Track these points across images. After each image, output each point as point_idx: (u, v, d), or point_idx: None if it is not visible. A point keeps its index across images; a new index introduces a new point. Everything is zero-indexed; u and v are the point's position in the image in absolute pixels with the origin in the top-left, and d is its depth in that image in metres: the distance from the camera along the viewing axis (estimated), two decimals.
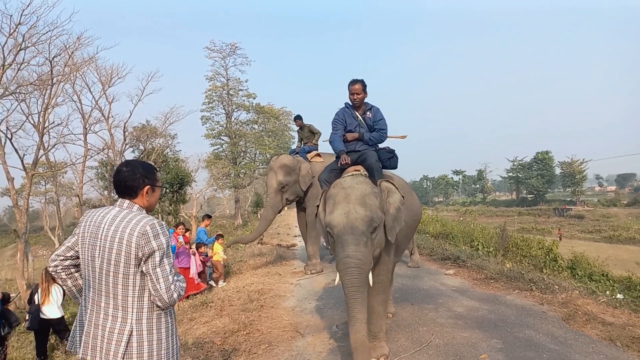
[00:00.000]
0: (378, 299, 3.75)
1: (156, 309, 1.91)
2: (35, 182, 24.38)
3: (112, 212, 1.94)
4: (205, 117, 34.69)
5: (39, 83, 14.66)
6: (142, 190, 1.98)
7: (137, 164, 2.03)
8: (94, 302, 1.91)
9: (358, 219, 3.18)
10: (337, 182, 3.54)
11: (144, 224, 1.85)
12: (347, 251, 3.15)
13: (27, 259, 14.10)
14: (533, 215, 54.38)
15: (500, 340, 4.24)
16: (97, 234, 1.90)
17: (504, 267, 7.56)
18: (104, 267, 1.86)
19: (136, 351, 1.83)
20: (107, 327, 1.85)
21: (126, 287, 1.85)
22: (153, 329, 1.88)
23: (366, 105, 4.07)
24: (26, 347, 6.93)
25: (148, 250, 1.83)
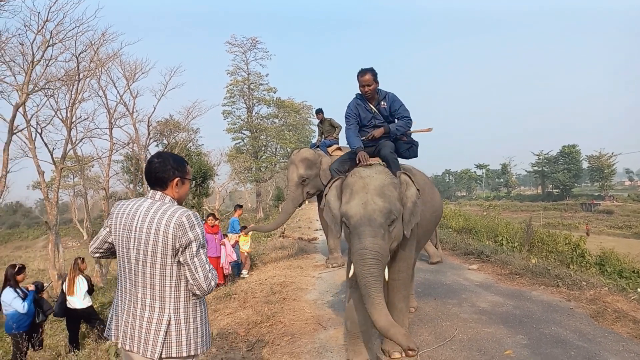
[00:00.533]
0: (399, 296, 3.66)
1: (192, 298, 1.94)
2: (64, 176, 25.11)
3: (145, 203, 1.96)
4: (227, 112, 34.99)
5: (66, 79, 15.05)
6: (172, 181, 2.00)
7: (169, 156, 2.05)
8: (131, 293, 1.94)
9: (376, 210, 3.06)
10: (355, 170, 3.40)
11: (180, 215, 1.87)
12: (364, 242, 3.01)
13: (58, 250, 14.58)
14: (559, 210, 53.11)
15: (526, 336, 4.18)
16: (132, 226, 1.92)
17: (529, 262, 7.42)
18: (140, 258, 1.89)
19: (175, 339, 1.87)
20: (145, 317, 1.88)
21: (163, 277, 1.88)
22: (190, 318, 1.92)
23: (379, 94, 3.77)
24: (59, 334, 7.20)
25: (185, 241, 1.86)
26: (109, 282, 14.94)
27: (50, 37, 13.67)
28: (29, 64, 13.37)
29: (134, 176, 22.75)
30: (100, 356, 4.55)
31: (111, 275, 16.90)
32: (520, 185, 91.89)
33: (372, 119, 3.80)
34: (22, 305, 5.37)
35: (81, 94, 16.65)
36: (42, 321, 5.77)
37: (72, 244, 34.60)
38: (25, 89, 13.09)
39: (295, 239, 12.62)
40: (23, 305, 5.38)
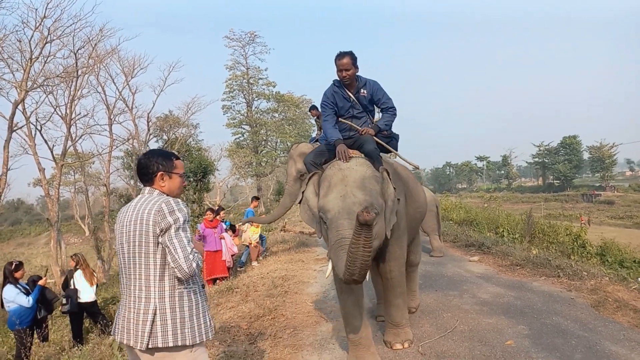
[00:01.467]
0: (395, 292, 3.60)
1: (178, 288, 1.94)
2: (64, 172, 25.14)
3: (136, 199, 2.05)
4: (227, 107, 34.95)
5: (64, 75, 15.00)
6: (155, 176, 2.05)
7: (155, 152, 2.13)
8: (126, 286, 1.99)
9: (356, 203, 2.82)
10: (334, 163, 3.16)
11: (160, 203, 1.92)
12: (342, 233, 2.79)
13: (60, 246, 14.63)
14: (560, 202, 53.08)
15: (527, 327, 4.19)
16: (123, 222, 2.00)
17: (530, 253, 7.43)
18: (130, 250, 1.94)
19: (160, 329, 1.88)
20: (135, 309, 1.92)
21: (147, 266, 1.91)
22: (176, 308, 1.92)
23: (359, 81, 3.41)
24: (63, 329, 7.23)
25: (165, 225, 1.88)
26: (111, 278, 15.00)
27: (48, 33, 13.61)
28: (27, 61, 13.32)
29: (134, 172, 22.74)
30: (104, 351, 4.57)
31: (113, 271, 16.96)
32: (521, 176, 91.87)
33: (351, 108, 3.47)
34: (27, 300, 5.41)
35: (80, 91, 16.62)
36: (44, 316, 5.81)
37: (74, 240, 34.71)
38: (24, 86, 13.06)
39: (297, 232, 12.65)
40: (28, 300, 5.42)
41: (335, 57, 3.32)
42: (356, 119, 3.47)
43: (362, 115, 3.50)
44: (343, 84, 3.40)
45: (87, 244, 26.48)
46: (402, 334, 3.76)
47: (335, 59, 3.32)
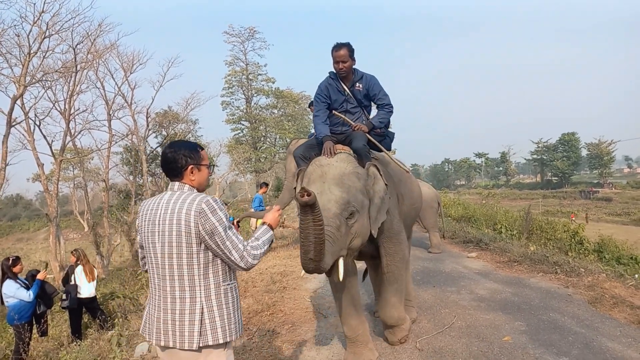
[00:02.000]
0: (391, 289, 3.48)
1: (223, 284, 1.93)
2: (63, 168, 25.12)
3: (166, 196, 1.96)
4: (226, 102, 34.87)
5: (63, 70, 14.93)
6: (186, 170, 1.98)
7: (181, 145, 2.03)
8: (160, 287, 1.93)
9: (331, 200, 2.74)
10: (316, 159, 3.09)
11: (199, 202, 1.86)
12: None
13: (59, 242, 14.61)
14: (558, 198, 53.17)
15: (524, 323, 4.21)
16: (155, 220, 1.92)
17: (527, 250, 7.46)
18: (166, 250, 1.88)
19: (210, 328, 1.86)
20: (177, 310, 1.87)
21: (191, 266, 1.86)
22: (222, 305, 1.90)
23: (355, 74, 3.30)
24: (61, 325, 7.25)
25: (210, 227, 1.83)
26: (110, 274, 15.01)
27: (47, 28, 13.53)
28: (26, 56, 13.25)
29: (133, 168, 22.69)
30: (103, 346, 4.59)
31: (112, 267, 16.99)
32: (519, 173, 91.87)
33: (345, 102, 3.34)
34: (28, 294, 5.42)
35: (79, 86, 16.52)
36: (44, 311, 5.82)
37: (73, 236, 34.69)
38: (22, 81, 13.00)
39: (296, 228, 12.65)
40: (29, 294, 5.43)
41: (332, 48, 3.21)
42: (350, 114, 3.36)
43: (357, 110, 3.39)
44: (339, 76, 3.29)
45: (86, 239, 26.46)
46: (399, 331, 3.73)
47: (331, 50, 3.21)
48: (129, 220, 17.80)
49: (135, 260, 14.15)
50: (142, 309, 6.51)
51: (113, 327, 5.53)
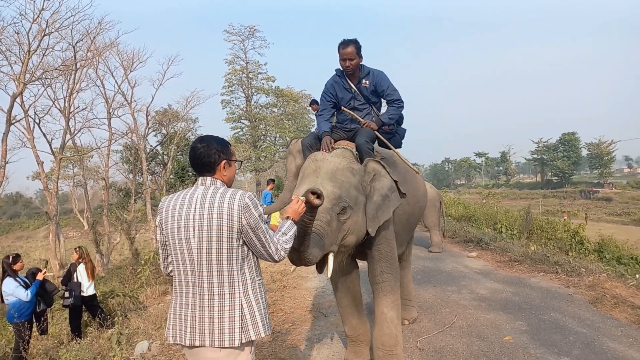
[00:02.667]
0: (387, 302, 3.12)
1: (257, 279, 1.92)
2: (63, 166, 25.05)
3: (198, 190, 1.91)
4: (226, 101, 34.77)
5: (63, 68, 14.90)
6: (219, 165, 1.95)
7: (212, 139, 1.99)
8: (195, 284, 1.87)
9: None
10: (312, 154, 3.04)
11: (242, 196, 1.84)
12: None
13: (59, 240, 14.60)
14: (558, 198, 53.13)
15: (525, 323, 4.21)
16: (189, 215, 1.86)
17: (528, 249, 7.45)
18: (204, 245, 1.83)
19: (251, 322, 1.84)
20: (216, 307, 1.83)
21: (231, 261, 1.84)
22: (259, 299, 1.89)
23: (362, 71, 3.22)
24: (61, 323, 7.24)
25: (253, 222, 1.82)
26: (110, 272, 15.00)
27: (46, 26, 13.50)
28: (25, 54, 13.22)
29: (133, 166, 22.67)
30: (103, 344, 4.58)
31: (112, 265, 16.97)
32: (519, 173, 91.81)
33: (352, 99, 3.27)
34: (26, 294, 5.40)
35: (79, 84, 16.49)
36: (44, 309, 5.81)
37: (73, 234, 34.68)
38: (22, 79, 12.98)
39: None
40: (27, 294, 5.41)
41: (338, 44, 3.13)
42: (358, 111, 3.27)
43: (365, 107, 3.29)
44: (346, 73, 3.22)
45: (86, 237, 26.42)
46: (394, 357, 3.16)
47: (338, 47, 3.13)
48: (128, 219, 17.78)
49: (135, 259, 14.12)
50: (142, 307, 6.50)
51: (113, 325, 5.52)
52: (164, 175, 23.66)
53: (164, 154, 25.54)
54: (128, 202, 20.94)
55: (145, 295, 7.21)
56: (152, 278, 8.17)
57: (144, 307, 6.47)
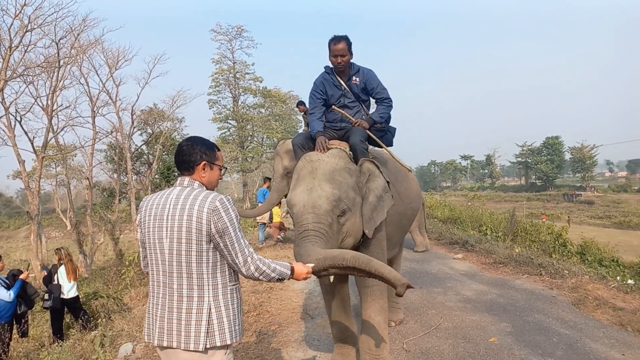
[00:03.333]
0: (375, 306, 3.06)
1: (229, 284, 1.89)
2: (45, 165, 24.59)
3: (175, 191, 1.91)
4: (212, 101, 34.59)
5: (46, 65, 14.62)
6: (198, 165, 1.94)
7: (198, 140, 2.00)
8: (166, 285, 1.87)
9: (322, 196, 2.61)
10: (306, 155, 2.95)
11: (213, 199, 1.82)
12: (306, 227, 2.55)
13: (40, 240, 14.30)
14: (542, 201, 53.89)
15: (510, 324, 4.25)
16: (163, 215, 1.86)
17: (512, 251, 7.54)
18: (175, 246, 1.82)
19: (217, 328, 1.81)
20: (184, 309, 1.82)
21: (200, 264, 1.82)
22: (229, 305, 1.86)
23: (352, 68, 3.17)
24: (42, 325, 7.10)
25: (222, 226, 1.79)
26: (93, 273, 14.76)
27: (29, 22, 13.23)
28: (7, 50, 12.94)
29: (117, 166, 22.35)
30: (85, 347, 4.50)
31: (96, 266, 16.70)
32: (504, 176, 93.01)
33: (342, 96, 3.21)
34: (8, 294, 5.28)
35: (62, 82, 16.18)
36: (24, 311, 5.68)
37: (55, 234, 34.03)
38: (3, 76, 12.70)
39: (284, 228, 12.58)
40: (9, 294, 5.28)
41: (329, 41, 3.07)
42: (348, 109, 3.22)
43: (355, 104, 3.25)
44: (336, 70, 3.16)
45: (68, 237, 25.98)
46: None
47: (329, 43, 3.06)
48: (112, 219, 17.52)
49: (120, 260, 13.92)
50: (126, 309, 6.41)
51: (96, 327, 5.43)
52: (149, 175, 23.38)
53: (149, 153, 25.26)
54: (112, 202, 20.65)
55: (129, 297, 7.11)
56: (136, 279, 8.07)
57: (128, 309, 6.37)
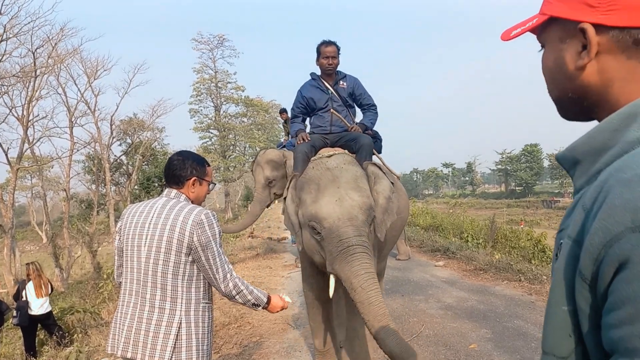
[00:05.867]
0: (362, 319, 2.99)
1: (202, 302, 1.86)
2: (20, 177, 24.01)
3: (160, 201, 1.91)
4: (194, 110, 34.32)
5: (21, 75, 14.38)
6: (188, 180, 1.95)
7: (189, 155, 2.01)
8: (138, 294, 1.83)
9: (355, 206, 2.44)
10: (318, 162, 2.75)
11: (198, 213, 1.82)
12: (349, 242, 2.34)
13: (14, 254, 13.92)
14: (522, 207, 54.85)
15: (490, 330, 4.29)
16: (145, 223, 1.84)
17: (493, 258, 7.63)
18: (152, 255, 1.80)
19: (185, 344, 1.77)
20: (154, 320, 1.78)
21: (176, 276, 1.79)
22: (199, 322, 1.83)
23: (338, 74, 3.18)
24: (15, 342, 6.86)
25: (204, 240, 1.78)
26: (70, 287, 14.38)
27: (4, 31, 13.02)
28: None
29: (96, 177, 21.96)
30: None
31: (72, 280, 16.29)
32: (484, 183, 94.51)
33: (329, 100, 3.15)
34: None
35: (38, 91, 15.94)
36: None
37: (30, 248, 33.09)
38: None
39: (265, 238, 12.52)
40: None
41: (319, 44, 3.07)
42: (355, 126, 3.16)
43: (343, 109, 3.19)
44: (324, 73, 3.14)
45: (44, 251, 25.30)
46: None
47: (319, 45, 3.06)
48: (90, 231, 17.16)
49: (97, 273, 13.61)
50: (104, 323, 6.25)
51: (72, 343, 5.27)
52: (128, 186, 23.02)
53: (129, 164, 24.90)
54: (90, 213, 20.26)
55: (107, 311, 6.93)
56: (114, 292, 7.88)
57: (105, 323, 6.21)
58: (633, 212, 0.47)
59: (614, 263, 0.48)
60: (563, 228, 0.65)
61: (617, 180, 0.51)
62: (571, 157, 0.65)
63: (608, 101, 0.62)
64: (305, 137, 2.98)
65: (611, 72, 0.61)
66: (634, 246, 0.46)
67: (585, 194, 0.59)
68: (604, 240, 0.50)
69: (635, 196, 0.48)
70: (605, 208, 0.50)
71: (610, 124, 0.59)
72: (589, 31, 0.60)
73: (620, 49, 0.59)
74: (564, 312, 0.59)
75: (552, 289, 0.62)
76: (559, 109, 0.72)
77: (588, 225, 0.54)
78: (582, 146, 0.62)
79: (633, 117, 0.56)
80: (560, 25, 0.65)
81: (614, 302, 0.48)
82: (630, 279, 0.46)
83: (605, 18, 0.58)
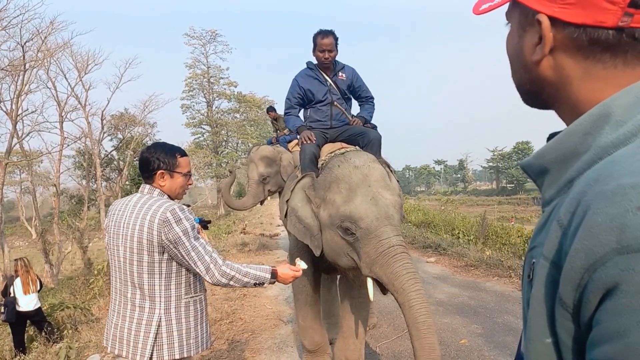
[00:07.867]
0: (360, 318, 2.96)
1: (185, 297, 1.86)
2: (9, 172, 23.72)
3: (134, 198, 1.89)
4: (186, 106, 34.14)
5: (10, 69, 14.18)
6: (156, 173, 1.90)
7: (159, 147, 1.95)
8: (121, 293, 1.86)
9: (389, 205, 2.35)
10: (343, 159, 2.55)
11: (164, 210, 1.78)
12: (391, 241, 2.24)
13: (2, 250, 13.77)
14: (513, 204, 55.21)
15: (480, 326, 4.33)
16: (120, 222, 1.84)
17: (483, 254, 7.69)
18: (128, 256, 1.80)
19: (166, 341, 1.78)
20: (135, 318, 1.80)
21: (152, 275, 1.79)
22: (182, 318, 1.83)
23: (336, 65, 3.05)
24: (4, 339, 6.79)
25: (173, 237, 1.76)
26: (60, 283, 14.27)
27: None
28: None
29: (86, 172, 21.77)
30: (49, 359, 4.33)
31: (62, 276, 16.15)
32: (476, 180, 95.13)
33: (328, 93, 3.01)
34: None
35: (28, 85, 15.75)
36: None
37: (19, 244, 32.73)
38: None
39: (257, 235, 12.51)
40: None
41: (315, 34, 2.91)
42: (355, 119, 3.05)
43: (341, 102, 3.07)
44: (321, 66, 3.01)
45: (33, 247, 25.04)
46: None
47: (315, 36, 2.90)
48: (81, 227, 17.03)
49: (88, 269, 13.53)
50: (95, 319, 6.21)
51: (62, 339, 5.24)
52: (119, 182, 22.88)
53: (120, 159, 24.74)
54: (81, 209, 20.09)
55: (97, 307, 6.89)
56: (105, 288, 7.84)
57: (96, 319, 6.17)
58: (619, 230, 0.41)
59: (599, 290, 0.42)
60: (535, 245, 0.57)
61: (598, 192, 0.44)
62: (538, 165, 0.58)
63: (568, 98, 0.57)
64: (311, 138, 2.84)
65: (568, 70, 0.56)
66: (623, 271, 0.40)
67: (558, 208, 0.52)
68: (586, 263, 0.43)
69: (620, 212, 0.41)
70: (586, 225, 0.44)
71: (579, 127, 0.52)
72: (543, 24, 0.55)
73: (577, 47, 0.54)
74: (547, 346, 0.51)
75: (529, 321, 0.54)
76: (520, 95, 0.67)
77: (567, 246, 0.46)
78: (551, 153, 0.56)
79: (604, 118, 0.50)
80: (521, 10, 0.60)
81: (600, 336, 0.42)
82: (619, 310, 0.40)
83: (561, 12, 0.53)
